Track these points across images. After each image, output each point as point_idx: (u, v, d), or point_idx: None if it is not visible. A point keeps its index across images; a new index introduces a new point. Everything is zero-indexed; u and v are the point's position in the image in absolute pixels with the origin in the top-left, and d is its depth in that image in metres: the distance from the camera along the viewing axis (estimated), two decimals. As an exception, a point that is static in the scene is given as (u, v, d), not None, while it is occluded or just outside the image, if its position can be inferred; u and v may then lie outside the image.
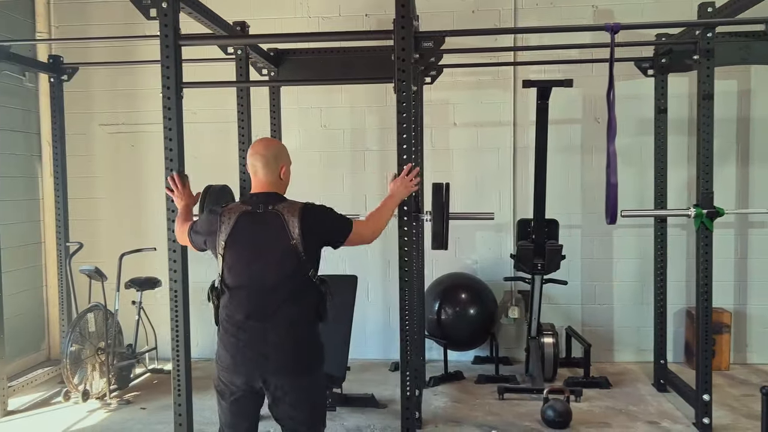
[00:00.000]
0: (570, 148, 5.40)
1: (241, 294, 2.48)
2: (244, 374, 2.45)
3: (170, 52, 3.03)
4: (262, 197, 2.54)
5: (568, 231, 5.35)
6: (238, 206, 2.55)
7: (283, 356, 2.43)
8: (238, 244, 2.48)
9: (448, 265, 5.48)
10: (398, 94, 2.99)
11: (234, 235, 2.48)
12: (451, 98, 5.47)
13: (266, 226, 2.47)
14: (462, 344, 5.19)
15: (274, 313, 2.44)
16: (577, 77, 5.12)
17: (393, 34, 2.96)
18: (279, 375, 2.43)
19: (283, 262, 2.45)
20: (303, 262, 2.45)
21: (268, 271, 2.45)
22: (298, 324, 2.48)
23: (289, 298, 2.45)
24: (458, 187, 5.48)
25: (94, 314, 4.62)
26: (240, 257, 2.48)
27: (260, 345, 2.43)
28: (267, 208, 2.48)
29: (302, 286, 2.48)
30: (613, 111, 3.02)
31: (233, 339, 2.47)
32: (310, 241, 2.46)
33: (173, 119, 3.05)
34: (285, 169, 2.61)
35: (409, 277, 3.04)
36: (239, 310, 2.47)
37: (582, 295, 5.45)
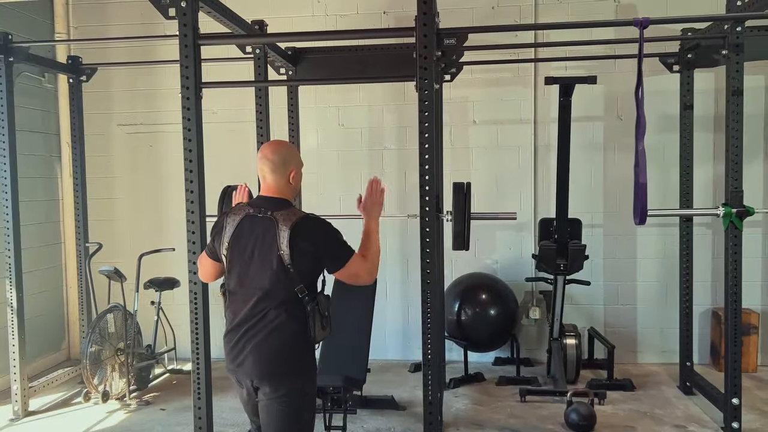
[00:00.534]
0: (592, 145, 5.31)
1: (236, 297, 2.46)
2: (236, 375, 2.47)
3: (189, 51, 3.00)
4: (266, 201, 2.48)
5: (590, 230, 5.26)
6: (243, 207, 2.50)
7: (261, 363, 2.39)
8: (238, 246, 2.44)
9: (468, 265, 5.42)
10: (420, 92, 2.93)
11: (236, 237, 2.45)
12: (470, 96, 5.40)
13: (262, 232, 2.41)
14: (482, 345, 5.12)
15: (259, 320, 2.39)
16: (599, 74, 5.02)
17: (415, 32, 2.90)
18: (258, 380, 2.41)
19: (270, 271, 2.37)
20: (290, 274, 2.36)
21: (259, 277, 2.40)
22: (279, 334, 2.38)
23: (275, 307, 2.38)
24: (478, 186, 5.38)
25: (113, 315, 4.62)
26: (238, 260, 2.45)
27: (246, 349, 2.40)
28: (266, 213, 2.41)
29: (288, 299, 2.39)
30: (642, 108, 2.93)
31: (228, 341, 2.47)
32: (298, 256, 2.35)
33: (192, 119, 3.01)
34: (295, 172, 2.52)
35: (431, 278, 2.98)
36: (234, 313, 2.46)
37: (605, 295, 5.36)
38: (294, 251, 2.33)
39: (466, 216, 3.75)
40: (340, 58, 4.69)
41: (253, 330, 2.40)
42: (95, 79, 5.59)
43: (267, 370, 2.39)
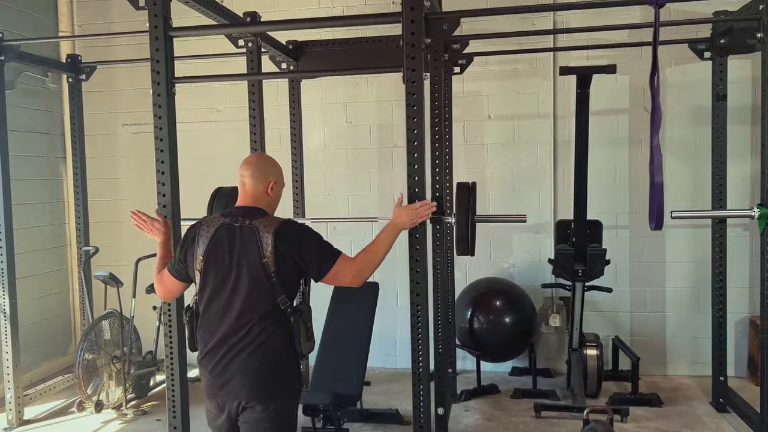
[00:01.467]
0: (616, 141, 4.93)
1: (213, 314, 2.31)
2: (218, 399, 2.31)
3: (160, 44, 2.79)
4: (243, 210, 2.37)
5: (615, 232, 4.90)
6: (217, 218, 2.38)
7: (250, 381, 2.26)
8: (215, 259, 2.31)
9: (483, 269, 5.11)
10: (407, 84, 2.65)
11: (212, 249, 2.31)
12: (484, 89, 5.08)
13: (240, 242, 2.29)
14: (496, 355, 4.81)
15: (244, 335, 2.26)
16: (624, 63, 4.70)
17: (401, 17, 2.62)
18: (247, 400, 2.26)
19: (252, 283, 2.26)
20: (273, 285, 2.25)
21: (239, 291, 2.27)
22: (267, 349, 2.27)
23: (258, 322, 2.26)
24: (493, 185, 5.11)
25: (109, 322, 4.46)
26: (215, 273, 2.31)
27: (231, 368, 2.27)
28: (244, 222, 2.30)
29: (271, 312, 2.27)
30: (658, 98, 2.59)
31: (207, 362, 2.32)
32: (282, 263, 2.25)
33: (164, 118, 2.81)
34: (274, 184, 2.43)
35: (421, 290, 2.70)
36: (212, 332, 2.31)
37: (631, 301, 4.98)
38: (278, 258, 2.24)
39: (470, 219, 3.46)
40: (343, 51, 4.46)
41: (238, 346, 2.26)
42: (100, 78, 5.48)
43: (258, 387, 2.26)
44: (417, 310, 2.69)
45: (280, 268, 2.25)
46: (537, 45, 4.86)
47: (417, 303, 2.69)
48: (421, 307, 2.69)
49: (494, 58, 4.95)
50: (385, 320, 5.28)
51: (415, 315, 2.70)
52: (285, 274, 2.27)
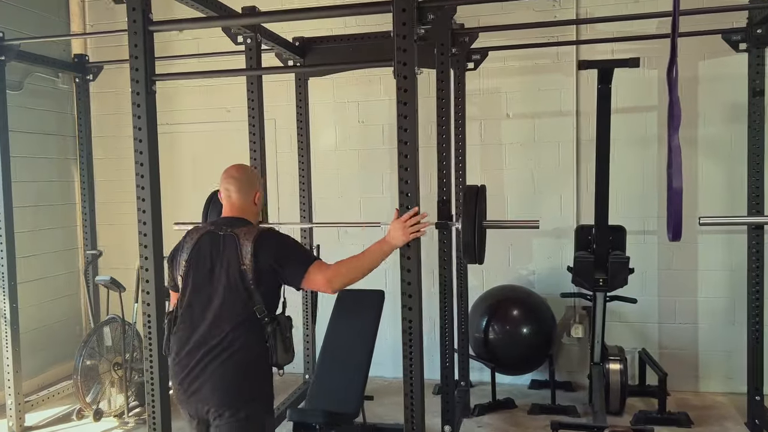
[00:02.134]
0: (644, 140, 4.61)
1: (189, 318, 2.33)
2: (188, 404, 2.31)
3: (139, 40, 2.63)
4: (228, 220, 2.44)
5: (642, 237, 4.59)
6: (204, 227, 2.46)
7: (221, 390, 2.25)
8: (196, 264, 2.36)
9: (501, 276, 4.85)
10: (398, 79, 2.44)
11: (194, 255, 2.37)
12: (503, 86, 4.82)
13: (223, 249, 2.33)
14: (512, 368, 4.54)
15: (218, 342, 2.26)
16: (653, 56, 4.42)
17: (392, 6, 2.41)
18: (216, 408, 2.25)
19: (229, 290, 2.29)
20: (251, 292, 2.27)
21: (215, 298, 2.30)
22: (240, 357, 2.26)
23: (234, 328, 2.26)
24: (511, 187, 4.84)
25: (110, 327, 4.35)
26: (195, 278, 2.35)
27: (204, 375, 2.26)
28: (227, 231, 2.36)
29: (247, 319, 2.28)
30: (676, 92, 2.31)
31: (178, 368, 2.31)
32: (260, 270, 2.28)
33: (143, 118, 2.66)
34: (258, 194, 2.53)
35: (413, 304, 2.47)
36: (186, 338, 2.31)
37: (660, 312, 4.65)
38: (257, 266, 2.27)
39: (476, 225, 3.22)
40: (351, 47, 4.27)
41: (212, 353, 2.26)
42: (110, 79, 5.41)
43: (228, 396, 2.25)
44: (409, 325, 2.47)
45: (258, 275, 2.27)
46: (558, 37, 4.57)
47: (408, 318, 2.47)
48: (413, 322, 2.46)
49: (514, 53, 4.68)
50: (396, 330, 5.00)
51: (406, 331, 2.48)
52: (263, 282, 2.29)
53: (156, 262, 2.68)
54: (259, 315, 2.27)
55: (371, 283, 4.89)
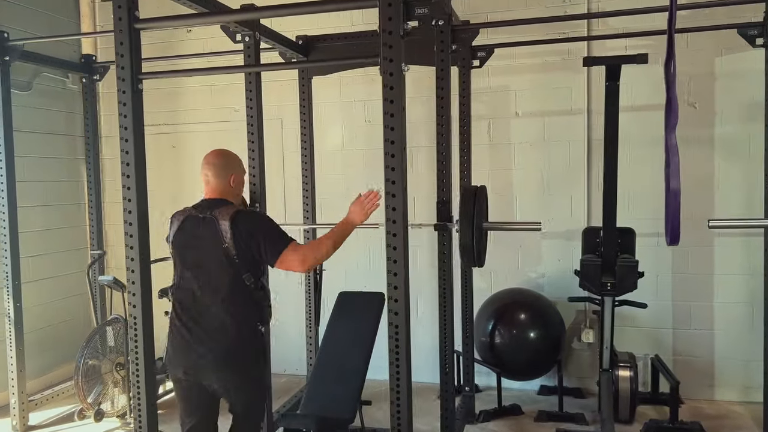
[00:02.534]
0: (657, 139, 4.33)
1: (183, 294, 2.64)
2: (182, 366, 2.61)
3: (124, 38, 2.60)
4: (208, 203, 2.70)
5: (656, 240, 4.42)
6: (188, 210, 2.71)
7: (212, 355, 2.55)
8: (180, 246, 2.67)
9: (510, 279, 4.74)
10: (384, 76, 2.35)
11: (178, 237, 2.67)
12: (512, 84, 4.70)
13: (204, 231, 2.60)
14: (519, 373, 4.42)
15: (207, 314, 2.57)
16: None
17: (377, 0, 2.33)
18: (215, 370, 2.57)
19: (217, 266, 2.56)
20: (236, 266, 2.56)
21: (204, 274, 2.59)
22: (229, 326, 2.56)
23: (223, 300, 2.56)
24: (520, 188, 4.73)
25: (113, 328, 4.34)
26: (183, 259, 2.66)
27: (195, 343, 2.56)
28: (207, 214, 2.62)
29: (236, 290, 2.57)
30: (674, 89, 2.19)
31: (174, 335, 2.65)
32: (242, 244, 2.55)
33: (129, 116, 2.61)
34: (234, 177, 2.76)
35: (399, 308, 2.39)
36: (182, 309, 2.64)
37: (674, 317, 4.49)
38: (236, 240, 2.54)
39: (473, 226, 3.13)
40: (355, 46, 4.19)
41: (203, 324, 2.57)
42: (118, 78, 5.41)
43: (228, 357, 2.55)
44: (395, 330, 2.38)
45: (239, 249, 2.55)
46: (569, 34, 4.44)
47: (395, 323, 2.38)
48: (399, 327, 2.38)
49: (523, 50, 4.58)
50: (405, 331, 4.99)
51: (393, 336, 2.40)
52: (245, 256, 2.57)
53: (142, 263, 2.64)
54: (247, 283, 2.58)
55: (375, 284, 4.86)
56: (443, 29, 3.33)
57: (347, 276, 4.96)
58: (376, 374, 4.92)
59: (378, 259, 4.95)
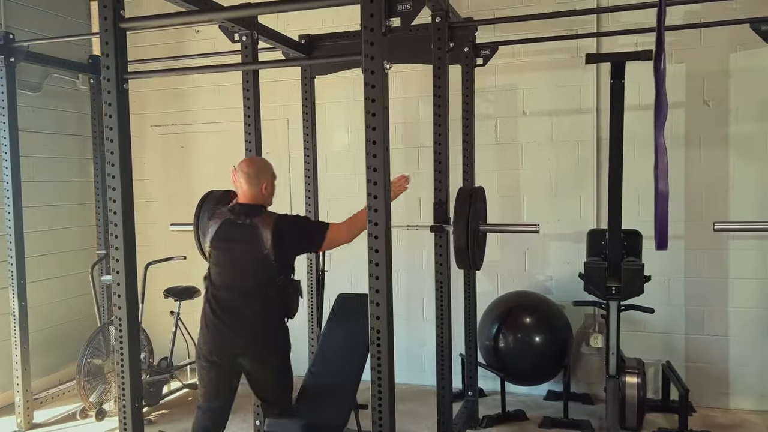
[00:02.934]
0: (671, 139, 4.28)
1: (220, 292, 2.91)
2: (215, 350, 2.89)
3: (109, 37, 2.57)
4: (244, 208, 2.94)
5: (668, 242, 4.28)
6: (224, 213, 2.97)
7: (243, 347, 2.88)
8: (219, 248, 2.92)
9: (516, 281, 4.65)
10: (365, 74, 2.30)
11: (216, 239, 2.92)
12: (519, 82, 4.60)
13: (243, 236, 2.86)
14: (524, 378, 4.32)
15: (242, 309, 2.85)
16: (681, 48, 4.16)
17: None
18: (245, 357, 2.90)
19: (254, 269, 2.85)
20: (273, 270, 2.85)
21: (242, 275, 2.87)
22: (262, 319, 2.87)
23: (257, 299, 2.85)
24: (528, 189, 4.63)
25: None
26: (219, 259, 2.92)
27: (229, 336, 2.87)
28: (246, 221, 2.88)
29: (270, 290, 2.87)
30: (664, 88, 2.09)
31: (208, 327, 2.91)
32: (281, 251, 2.84)
33: (114, 117, 2.57)
34: (266, 184, 2.99)
35: (381, 312, 2.32)
36: (218, 304, 2.90)
37: (686, 322, 4.35)
38: (276, 248, 2.81)
39: (468, 228, 3.05)
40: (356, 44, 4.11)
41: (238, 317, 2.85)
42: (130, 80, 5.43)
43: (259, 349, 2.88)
44: (377, 335, 2.32)
45: (279, 255, 2.83)
46: (578, 31, 4.32)
47: (377, 328, 2.32)
48: (381, 332, 2.31)
49: (531, 48, 4.47)
50: (412, 333, 4.94)
51: (374, 342, 2.33)
52: (283, 259, 2.86)
53: (127, 263, 2.60)
54: (280, 283, 2.88)
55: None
56: (440, 26, 3.27)
57: (353, 278, 4.92)
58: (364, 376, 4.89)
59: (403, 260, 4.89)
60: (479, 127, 4.47)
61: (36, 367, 4.75)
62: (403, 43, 3.98)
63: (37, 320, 4.87)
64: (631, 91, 3.66)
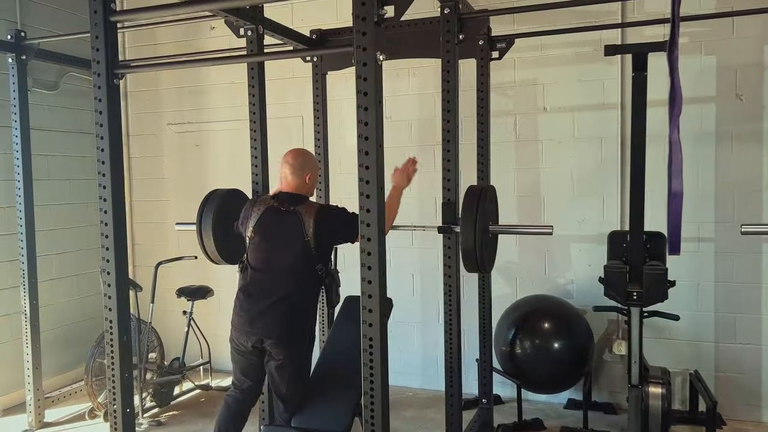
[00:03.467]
0: (700, 136, 4.07)
1: (256, 274, 3.00)
2: (245, 334, 2.99)
3: (99, 30, 2.50)
4: (288, 197, 3.06)
5: (696, 245, 4.07)
6: (267, 200, 3.09)
7: (275, 327, 2.92)
8: (261, 232, 3.01)
9: (536, 285, 4.46)
10: (357, 66, 2.17)
11: (259, 224, 3.02)
12: (540, 77, 4.41)
13: (286, 223, 2.97)
14: (541, 385, 4.14)
15: (275, 290, 2.93)
16: (713, 39, 3.93)
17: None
18: (270, 340, 2.94)
19: (294, 255, 2.92)
20: (312, 257, 2.94)
21: (282, 261, 2.95)
22: (297, 306, 2.94)
23: (295, 284, 2.93)
24: (548, 188, 4.44)
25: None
26: (261, 243, 3.00)
27: (261, 316, 2.94)
28: (290, 208, 3.00)
29: (308, 277, 2.96)
30: (677, 77, 1.90)
31: (242, 305, 3.01)
32: (322, 240, 2.95)
33: (104, 113, 2.50)
34: (310, 175, 3.12)
35: (373, 320, 2.19)
36: (253, 286, 3.01)
37: (716, 330, 4.11)
38: (318, 236, 2.92)
39: (477, 229, 2.89)
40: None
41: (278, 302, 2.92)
42: (146, 78, 5.44)
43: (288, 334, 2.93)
44: (369, 343, 2.18)
45: (320, 243, 2.93)
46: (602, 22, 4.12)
47: (369, 335, 2.18)
48: (374, 339, 2.18)
49: (552, 41, 4.29)
50: (426, 337, 4.81)
51: (366, 350, 2.19)
52: (323, 247, 2.98)
53: (118, 265, 2.53)
54: (319, 273, 2.97)
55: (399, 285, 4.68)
56: (449, 17, 3.11)
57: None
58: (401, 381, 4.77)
59: (400, 261, 4.76)
60: (497, 124, 4.31)
61: (51, 366, 4.76)
62: (415, 37, 3.86)
63: (52, 318, 4.88)
64: (656, 84, 3.44)
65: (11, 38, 4.08)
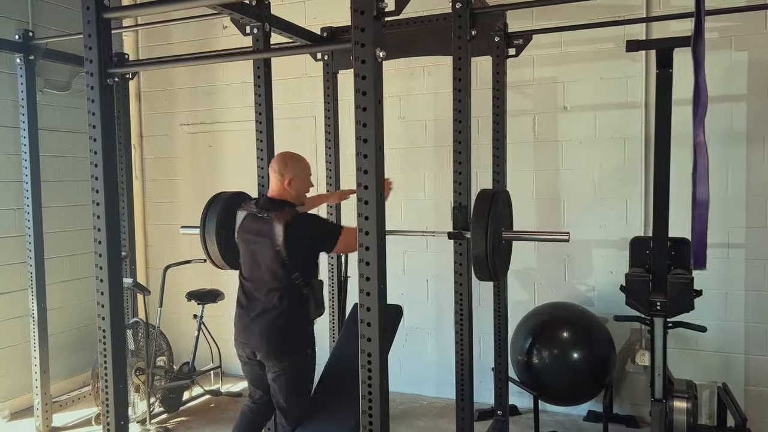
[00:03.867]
0: (729, 136, 3.86)
1: (246, 283, 2.96)
2: (241, 345, 2.96)
3: (92, 29, 2.40)
4: (267, 202, 2.95)
5: (726, 252, 3.86)
6: (250, 205, 2.99)
7: (260, 340, 2.86)
8: (243, 239, 2.96)
9: (555, 292, 4.29)
10: (355, 63, 2.03)
11: (241, 230, 2.96)
12: (560, 75, 4.23)
13: (261, 230, 2.86)
14: (559, 397, 3.96)
15: (257, 302, 2.88)
16: (744, 34, 3.74)
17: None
18: (259, 353, 2.89)
19: (269, 264, 2.83)
20: (287, 266, 2.80)
21: (259, 269, 2.88)
22: (281, 318, 2.83)
23: (273, 294, 2.83)
24: (568, 191, 4.26)
25: (132, 331, 4.23)
26: (244, 251, 2.97)
27: (249, 328, 2.90)
28: (265, 214, 2.87)
29: (285, 287, 2.83)
30: (702, 74, 1.73)
31: (237, 315, 2.98)
32: (294, 249, 2.79)
33: (97, 114, 2.41)
34: (291, 180, 2.94)
35: (371, 334, 2.05)
36: (243, 296, 2.96)
37: (746, 341, 3.89)
38: (289, 245, 2.77)
39: (488, 236, 2.74)
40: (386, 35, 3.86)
41: (262, 313, 2.86)
42: (159, 78, 5.38)
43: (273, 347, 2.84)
44: (368, 359, 2.05)
45: (291, 252, 2.78)
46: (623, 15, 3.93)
47: (368, 351, 2.05)
48: (372, 355, 2.05)
49: (572, 37, 4.11)
50: (441, 344, 4.66)
51: (365, 366, 2.07)
52: (298, 256, 2.81)
53: (111, 269, 2.43)
54: (296, 282, 2.81)
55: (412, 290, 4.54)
56: (460, 12, 2.96)
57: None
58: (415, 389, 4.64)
59: (414, 266, 4.63)
60: (515, 124, 4.14)
61: (61, 369, 4.72)
62: (428, 34, 3.73)
63: (63, 321, 4.84)
64: (682, 82, 3.25)
65: (19, 38, 4.03)
